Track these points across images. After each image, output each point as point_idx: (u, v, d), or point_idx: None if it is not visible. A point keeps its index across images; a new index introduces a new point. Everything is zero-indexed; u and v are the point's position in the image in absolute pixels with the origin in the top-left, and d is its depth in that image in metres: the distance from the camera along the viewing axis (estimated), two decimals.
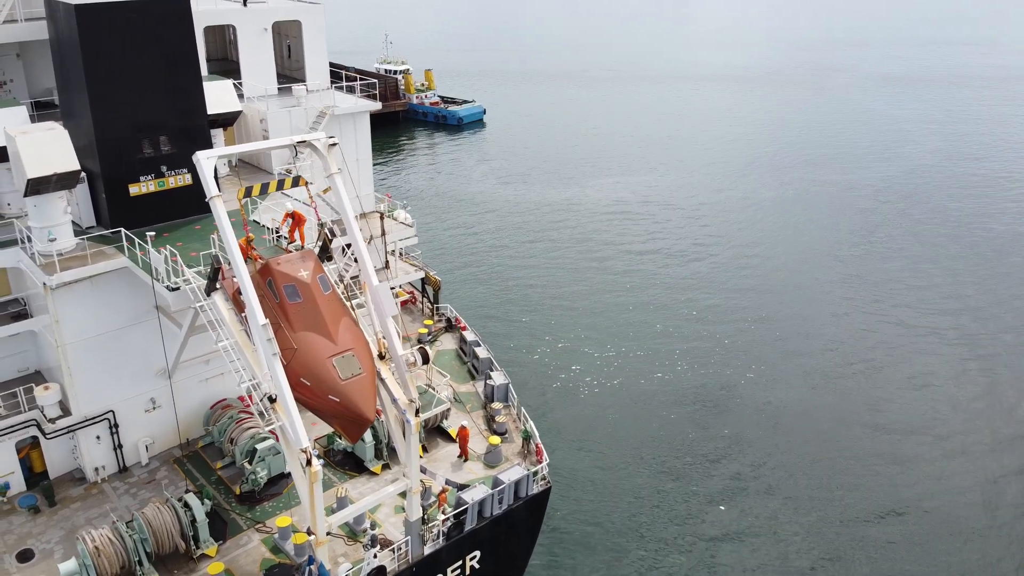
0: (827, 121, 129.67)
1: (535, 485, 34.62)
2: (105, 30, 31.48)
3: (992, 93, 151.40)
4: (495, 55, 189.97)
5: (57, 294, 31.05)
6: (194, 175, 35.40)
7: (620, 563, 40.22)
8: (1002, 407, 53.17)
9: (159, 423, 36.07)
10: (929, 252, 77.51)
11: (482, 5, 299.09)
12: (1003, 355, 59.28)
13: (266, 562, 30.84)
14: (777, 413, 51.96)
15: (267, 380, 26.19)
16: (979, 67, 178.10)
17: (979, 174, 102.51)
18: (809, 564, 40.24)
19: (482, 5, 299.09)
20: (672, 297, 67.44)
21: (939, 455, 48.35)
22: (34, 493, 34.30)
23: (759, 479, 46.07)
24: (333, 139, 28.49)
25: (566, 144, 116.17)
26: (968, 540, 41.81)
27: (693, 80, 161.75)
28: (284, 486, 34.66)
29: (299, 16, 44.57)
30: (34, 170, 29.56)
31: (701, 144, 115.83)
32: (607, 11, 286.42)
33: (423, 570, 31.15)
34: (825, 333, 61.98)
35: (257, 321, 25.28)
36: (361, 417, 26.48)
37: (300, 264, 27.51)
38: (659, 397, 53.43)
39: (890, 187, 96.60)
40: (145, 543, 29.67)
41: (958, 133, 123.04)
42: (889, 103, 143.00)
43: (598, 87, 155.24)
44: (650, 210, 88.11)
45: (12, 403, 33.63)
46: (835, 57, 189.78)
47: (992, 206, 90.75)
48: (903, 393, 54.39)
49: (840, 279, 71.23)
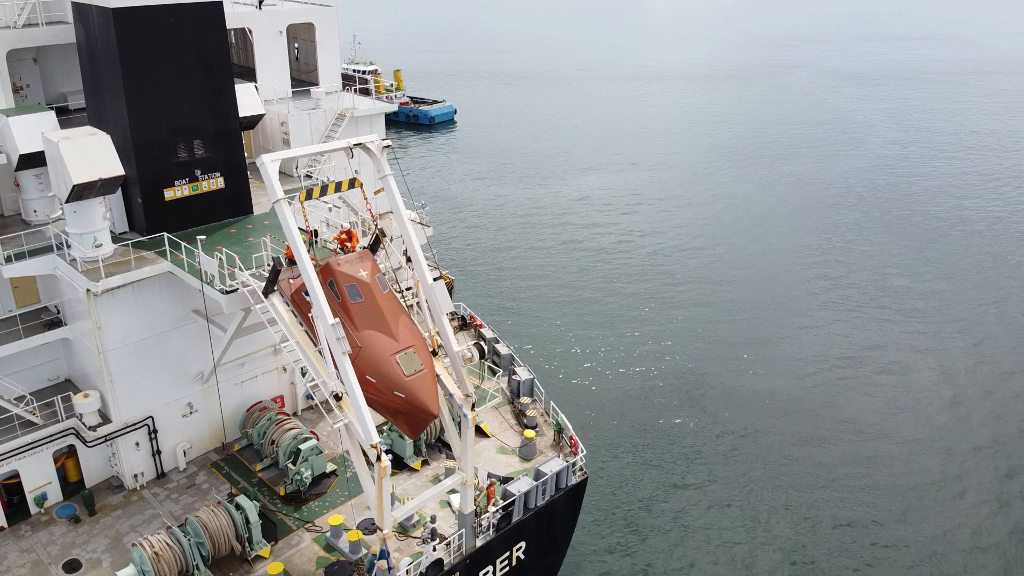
0: (790, 116, 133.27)
1: (573, 476, 35.46)
2: (143, 33, 31.32)
3: (947, 87, 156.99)
4: (462, 55, 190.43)
5: (100, 300, 30.81)
6: (227, 178, 35.49)
7: (649, 547, 41.27)
8: (971, 388, 55.50)
9: (196, 428, 35.98)
10: (896, 239, 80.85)
11: (446, 6, 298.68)
12: (969, 336, 62.13)
13: (321, 560, 31.08)
14: (767, 395, 53.69)
15: (331, 379, 26.50)
16: (933, 62, 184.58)
17: (938, 164, 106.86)
18: (825, 551, 41.88)
19: (446, 6, 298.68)
20: (656, 287, 69.01)
21: (902, 436, 50.47)
22: (72, 503, 33.98)
23: (762, 462, 47.64)
24: (387, 141, 28.84)
25: (537, 142, 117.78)
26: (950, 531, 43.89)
27: (657, 79, 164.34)
28: (327, 485, 34.92)
29: (312, 18, 44.61)
30: (79, 175, 29.31)
31: (668, 141, 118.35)
32: (567, 6, 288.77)
33: (475, 562, 31.73)
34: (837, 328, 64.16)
35: (327, 321, 25.54)
36: (427, 411, 26.91)
37: (359, 264, 27.83)
38: (662, 384, 54.77)
39: (855, 178, 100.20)
40: (201, 546, 29.74)
41: (916, 125, 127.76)
42: (849, 98, 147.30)
43: (566, 86, 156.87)
44: (621, 205, 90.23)
45: (47, 413, 33.26)
46: (794, 54, 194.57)
47: (953, 193, 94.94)
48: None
49: (824, 266, 73.76)
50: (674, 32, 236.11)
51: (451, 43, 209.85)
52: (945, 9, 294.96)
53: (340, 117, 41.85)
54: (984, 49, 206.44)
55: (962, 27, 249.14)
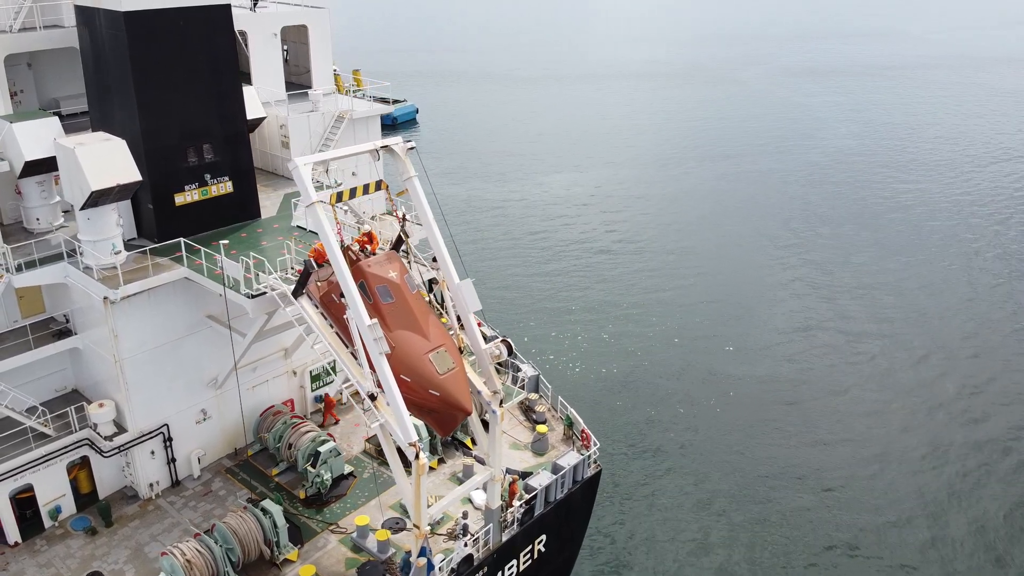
0: (747, 113, 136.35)
1: (588, 468, 36.15)
2: (154, 37, 30.96)
3: (896, 81, 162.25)
4: (423, 56, 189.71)
5: (117, 308, 30.40)
6: (235, 182, 35.26)
7: (657, 536, 42.25)
8: (926, 376, 57.93)
9: (209, 434, 35.66)
10: (853, 228, 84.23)
11: (403, 6, 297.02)
12: (925, 323, 65.04)
13: (351, 561, 31.16)
14: (753, 380, 55.31)
15: (365, 379, 26.70)
16: (882, 57, 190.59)
17: (891, 154, 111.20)
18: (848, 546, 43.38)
19: (403, 6, 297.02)
20: (626, 275, 70.33)
21: (855, 417, 52.83)
22: (87, 514, 33.41)
23: (759, 446, 49.08)
24: (411, 143, 29.09)
25: (498, 141, 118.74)
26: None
27: (615, 78, 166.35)
28: (346, 487, 34.96)
29: (306, 20, 44.37)
30: (97, 181, 28.88)
31: (628, 138, 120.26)
32: (528, 8, 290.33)
33: (501, 557, 32.19)
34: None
35: (364, 322, 25.71)
36: (462, 408, 27.29)
37: (388, 265, 28.06)
38: (646, 374, 55.95)
39: (813, 172, 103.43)
40: (231, 552, 29.58)
41: (868, 119, 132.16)
42: (804, 94, 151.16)
43: (525, 86, 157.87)
44: (581, 202, 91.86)
45: (60, 424, 32.66)
46: (747, 51, 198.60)
47: (906, 183, 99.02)
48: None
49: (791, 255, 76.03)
50: (629, 31, 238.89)
51: (410, 43, 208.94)
52: (892, 6, 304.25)
53: (339, 119, 41.76)
54: (931, 44, 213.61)
55: (909, 23, 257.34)
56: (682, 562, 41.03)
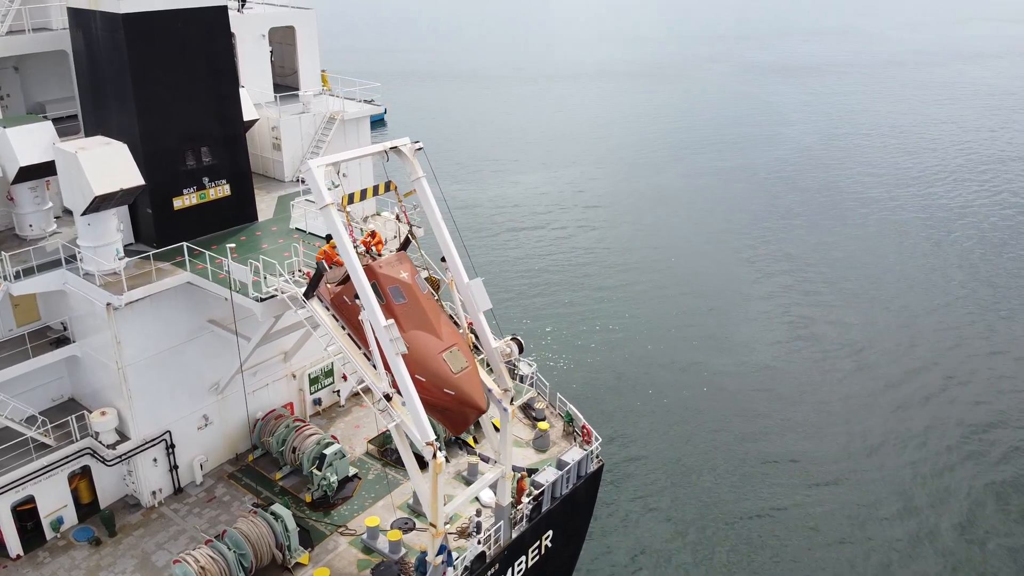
0: (713, 110, 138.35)
1: (591, 464, 36.55)
2: (153, 39, 30.57)
3: (856, 77, 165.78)
4: (390, 56, 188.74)
5: (120, 314, 29.99)
6: (233, 185, 34.97)
7: (659, 529, 42.82)
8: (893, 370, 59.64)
9: (211, 440, 35.31)
10: (822, 220, 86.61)
11: (368, 6, 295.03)
12: (896, 312, 66.89)
13: (363, 563, 31.13)
14: (747, 374, 56.33)
15: (381, 380, 26.76)
16: (843, 54, 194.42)
17: (855, 150, 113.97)
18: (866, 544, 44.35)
19: (368, 6, 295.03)
20: (597, 271, 71.08)
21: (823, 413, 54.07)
22: (88, 525, 32.87)
23: (761, 439, 50.01)
24: (419, 144, 29.18)
25: (467, 141, 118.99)
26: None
27: (584, 77, 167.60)
28: (352, 489, 34.88)
29: (293, 21, 44.06)
30: (100, 186, 28.43)
31: (596, 138, 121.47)
32: (495, 9, 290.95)
33: (511, 553, 32.43)
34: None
35: (380, 322, 25.75)
36: (477, 407, 27.51)
37: (399, 266, 28.17)
38: (631, 368, 56.64)
39: (780, 167, 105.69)
40: (243, 558, 29.39)
41: (832, 114, 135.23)
42: (767, 90, 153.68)
43: (492, 86, 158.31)
44: (551, 201, 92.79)
45: (60, 434, 32.08)
46: (711, 50, 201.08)
47: (870, 176, 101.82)
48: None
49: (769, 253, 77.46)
50: (591, 31, 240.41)
51: (376, 43, 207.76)
52: (851, 3, 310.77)
53: (331, 120, 41.60)
54: (889, 41, 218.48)
55: (868, 20, 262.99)
56: (681, 553, 41.67)
